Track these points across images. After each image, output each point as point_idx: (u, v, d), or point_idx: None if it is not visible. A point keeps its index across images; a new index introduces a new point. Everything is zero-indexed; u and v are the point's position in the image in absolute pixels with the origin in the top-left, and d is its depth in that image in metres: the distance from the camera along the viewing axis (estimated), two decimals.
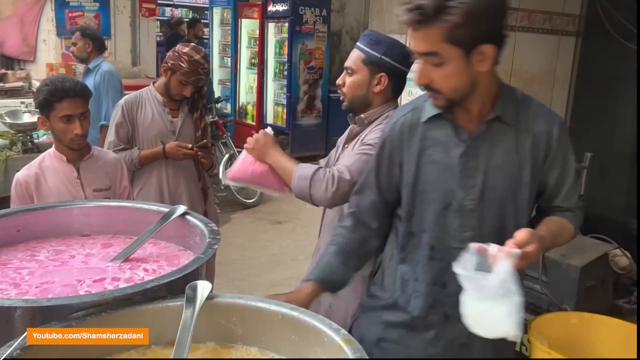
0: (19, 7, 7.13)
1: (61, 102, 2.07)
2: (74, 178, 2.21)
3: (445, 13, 1.26)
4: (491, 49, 1.32)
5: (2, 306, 1.13)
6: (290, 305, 1.25)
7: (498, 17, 1.31)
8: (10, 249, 1.62)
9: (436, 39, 1.29)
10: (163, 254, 1.67)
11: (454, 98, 1.40)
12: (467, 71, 1.34)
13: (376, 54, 1.91)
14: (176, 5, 13.23)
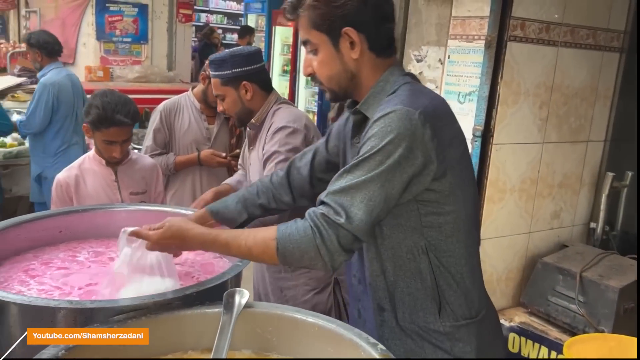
0: (61, 11, 7.31)
1: (108, 129, 2.11)
2: (112, 181, 2.25)
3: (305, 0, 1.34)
4: (355, 34, 1.33)
5: (48, 306, 1.15)
6: (327, 318, 1.25)
7: (354, 2, 1.31)
8: (52, 249, 1.66)
9: (305, 27, 1.37)
10: (198, 260, 1.69)
11: (333, 88, 1.41)
12: (338, 59, 1.36)
13: (227, 72, 2.15)
14: (211, 12, 13.41)
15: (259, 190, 1.69)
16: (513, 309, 2.66)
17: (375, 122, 1.26)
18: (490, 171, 2.43)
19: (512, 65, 2.36)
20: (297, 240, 1.23)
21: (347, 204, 1.22)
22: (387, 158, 1.23)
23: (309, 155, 1.67)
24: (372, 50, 1.36)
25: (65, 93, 4.10)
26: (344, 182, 1.25)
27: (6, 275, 1.49)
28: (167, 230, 1.37)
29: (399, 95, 1.31)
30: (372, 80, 1.38)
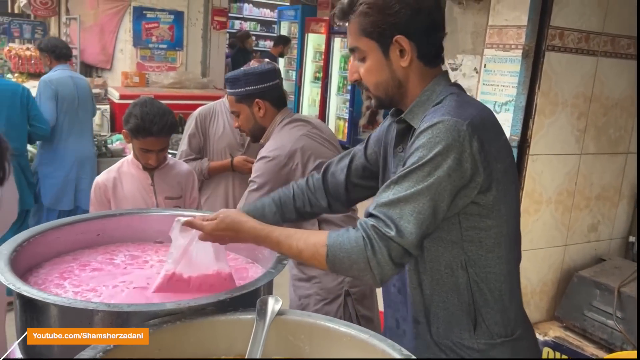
0: (100, 18, 7.50)
1: (145, 138, 2.17)
2: (148, 185, 2.29)
3: (355, 4, 1.34)
4: (406, 42, 1.31)
5: (86, 309, 1.17)
6: (359, 327, 1.25)
7: (407, 10, 1.30)
8: (91, 252, 1.69)
9: (354, 33, 1.36)
10: (232, 265, 1.70)
11: (379, 95, 1.39)
12: (387, 66, 1.35)
13: (240, 90, 2.24)
14: (245, 19, 13.56)
15: (295, 193, 1.68)
16: (547, 323, 2.60)
17: (422, 133, 1.25)
18: (527, 182, 2.40)
19: (550, 75, 2.33)
20: (348, 249, 1.22)
21: (396, 217, 1.21)
22: (436, 170, 1.21)
23: (346, 160, 1.65)
24: (421, 59, 1.35)
25: (65, 89, 4.23)
26: (392, 194, 1.23)
27: (44, 277, 1.52)
28: (222, 221, 1.37)
29: (446, 106, 1.29)
30: (418, 89, 1.36)
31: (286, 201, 1.66)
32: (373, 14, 1.31)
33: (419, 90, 1.36)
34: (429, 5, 1.32)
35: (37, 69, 6.91)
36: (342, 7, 1.37)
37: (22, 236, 1.48)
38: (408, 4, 1.29)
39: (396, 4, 1.29)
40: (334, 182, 1.66)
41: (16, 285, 1.22)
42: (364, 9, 1.32)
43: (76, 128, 4.32)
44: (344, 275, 1.48)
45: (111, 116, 6.13)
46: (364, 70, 1.38)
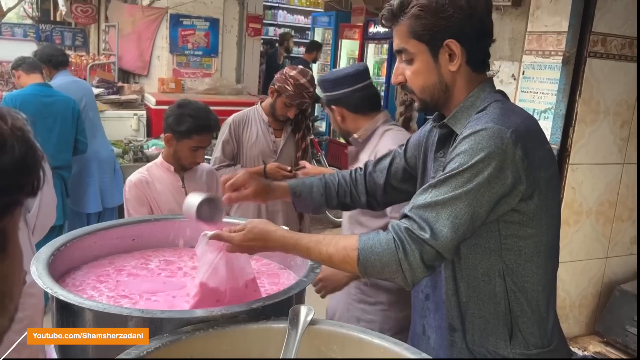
0: (138, 25, 7.65)
1: (200, 135, 2.23)
2: (180, 187, 2.32)
3: (407, 6, 1.32)
4: (456, 46, 1.29)
5: (120, 314, 1.18)
6: (393, 340, 1.23)
7: (460, 14, 1.28)
8: (127, 256, 1.72)
9: (403, 35, 1.34)
10: (264, 271, 1.70)
11: (424, 99, 1.37)
12: (435, 70, 1.33)
13: (328, 93, 2.20)
14: (279, 25, 13.66)
15: (339, 182, 1.68)
16: (587, 337, 2.52)
17: (465, 139, 1.23)
18: (566, 192, 2.34)
19: (592, 82, 2.27)
20: (379, 252, 1.21)
21: (432, 220, 1.19)
22: (476, 176, 1.19)
23: (386, 161, 1.65)
24: (469, 64, 1.33)
25: (69, 93, 4.24)
26: (429, 197, 1.22)
27: (81, 279, 1.55)
28: (249, 232, 1.37)
29: (490, 113, 1.27)
30: (463, 94, 1.35)
31: (331, 187, 1.67)
32: (426, 16, 1.29)
33: (464, 95, 1.35)
34: (482, 10, 1.31)
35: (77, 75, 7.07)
36: (392, 9, 1.35)
37: (60, 240, 1.51)
38: (461, 7, 1.28)
39: (449, 8, 1.27)
40: (372, 181, 1.66)
41: (53, 289, 1.23)
42: (416, 12, 1.30)
43: (88, 130, 4.38)
44: (375, 278, 1.46)
45: (147, 122, 6.23)
46: (411, 72, 1.35)
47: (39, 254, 1.39)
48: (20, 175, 0.56)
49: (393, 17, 1.35)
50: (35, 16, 14.98)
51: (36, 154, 0.58)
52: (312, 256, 1.33)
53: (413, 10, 1.30)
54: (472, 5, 1.29)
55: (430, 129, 1.51)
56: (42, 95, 3.88)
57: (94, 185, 4.38)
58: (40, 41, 9.73)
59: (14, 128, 0.56)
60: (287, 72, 2.82)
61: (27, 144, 0.57)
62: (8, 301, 0.60)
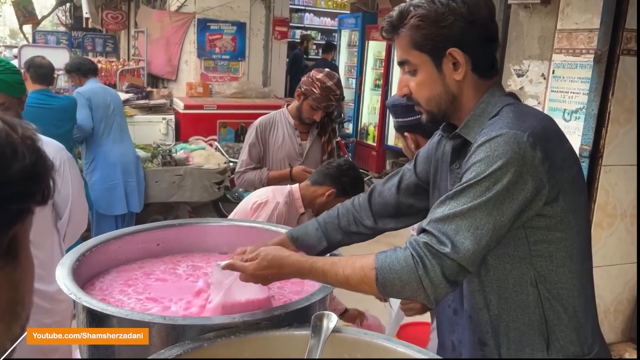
0: (166, 30, 7.75)
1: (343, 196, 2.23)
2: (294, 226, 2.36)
3: (406, 18, 1.29)
4: (460, 54, 1.26)
5: (143, 321, 1.18)
6: (417, 348, 1.20)
7: (461, 22, 1.25)
8: (156, 261, 1.73)
9: (404, 46, 1.31)
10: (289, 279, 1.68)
11: (431, 110, 1.34)
12: (440, 80, 1.30)
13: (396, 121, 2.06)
14: (306, 28, 13.70)
15: (339, 212, 1.64)
16: (622, 344, 2.45)
17: (480, 147, 1.19)
18: (599, 194, 2.27)
19: (625, 81, 2.19)
20: (398, 270, 1.17)
21: (451, 233, 1.15)
22: (495, 184, 1.15)
23: (395, 179, 1.60)
24: (475, 72, 1.30)
25: (97, 97, 4.43)
26: (447, 209, 1.18)
27: (109, 284, 1.56)
28: (263, 260, 1.33)
29: (504, 118, 1.23)
30: (472, 102, 1.31)
31: (329, 220, 1.61)
32: (426, 26, 1.26)
33: (474, 103, 1.31)
34: (484, 16, 1.28)
35: (107, 81, 7.21)
36: (392, 20, 1.33)
37: (85, 246, 1.53)
38: (462, 15, 1.25)
39: (450, 16, 1.25)
40: (381, 202, 1.60)
41: (77, 295, 1.24)
42: (416, 22, 1.27)
43: (116, 134, 4.51)
44: (396, 298, 1.40)
45: (176, 126, 6.31)
46: (415, 84, 1.33)
47: (64, 260, 1.41)
48: (30, 184, 0.56)
49: (393, 29, 1.33)
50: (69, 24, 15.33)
51: (46, 163, 0.59)
52: (329, 279, 1.29)
53: (412, 21, 1.28)
54: (473, 11, 1.25)
55: (438, 140, 1.47)
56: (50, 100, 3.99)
57: (119, 188, 4.47)
58: (73, 48, 9.95)
59: (24, 137, 0.57)
60: (314, 75, 2.81)
61: (37, 153, 0.57)
62: (20, 309, 0.60)
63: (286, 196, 2.32)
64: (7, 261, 0.57)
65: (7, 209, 0.55)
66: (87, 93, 4.40)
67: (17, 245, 0.58)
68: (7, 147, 0.54)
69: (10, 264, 0.58)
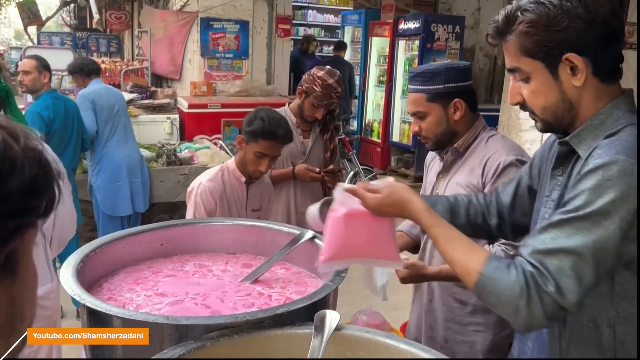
0: (169, 30, 7.77)
1: (266, 141, 2.25)
2: (244, 198, 2.37)
3: (514, 23, 1.20)
4: (578, 59, 1.15)
5: (146, 321, 1.19)
6: (421, 346, 1.20)
7: (578, 24, 1.13)
8: (164, 261, 1.75)
9: (514, 53, 1.22)
10: (293, 280, 1.68)
11: (547, 119, 1.24)
12: (556, 87, 1.20)
13: (439, 86, 1.89)
14: (309, 25, 13.68)
15: (471, 201, 1.56)
16: None
17: (591, 173, 1.09)
18: None
19: (627, 75, 2.13)
20: (501, 288, 1.13)
21: (554, 270, 1.09)
22: (605, 219, 1.07)
23: (514, 183, 1.51)
24: (597, 76, 1.18)
25: (101, 99, 4.42)
26: (550, 239, 1.11)
27: (117, 283, 1.58)
28: (387, 197, 1.30)
29: (623, 141, 1.12)
30: (592, 109, 1.20)
31: (460, 203, 1.55)
32: (536, 32, 1.16)
33: (593, 111, 1.20)
34: (605, 14, 1.15)
35: (111, 81, 7.23)
36: (497, 25, 1.23)
37: (89, 247, 1.53)
38: (579, 16, 1.13)
39: (564, 19, 1.13)
40: (501, 203, 1.53)
41: (81, 296, 1.25)
42: (525, 28, 1.17)
43: (120, 135, 4.52)
44: (485, 305, 1.30)
45: (181, 125, 6.32)
46: (529, 92, 1.23)
47: (68, 261, 1.42)
48: (29, 199, 0.55)
49: (499, 35, 1.24)
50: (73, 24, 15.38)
51: (48, 174, 0.57)
52: (438, 248, 1.28)
53: (521, 27, 1.18)
54: (592, 10, 1.14)
55: (553, 141, 1.38)
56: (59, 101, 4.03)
57: (125, 189, 4.48)
58: (77, 49, 9.99)
59: (26, 149, 0.55)
60: (315, 73, 2.81)
61: (38, 165, 0.56)
62: (19, 323, 0.60)
63: (217, 172, 2.37)
64: (5, 276, 0.56)
65: (4, 224, 0.54)
66: (90, 95, 4.41)
67: (15, 259, 0.57)
68: (6, 162, 0.53)
69: (9, 278, 0.57)
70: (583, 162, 1.17)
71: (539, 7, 1.16)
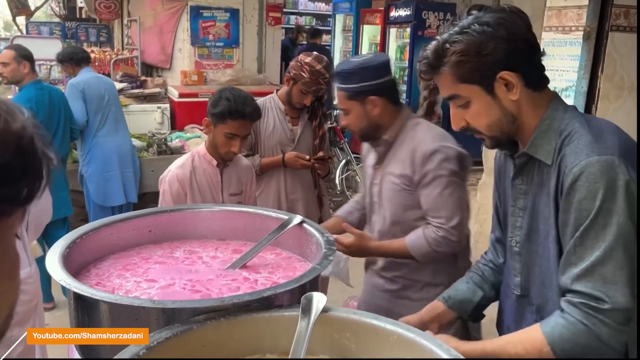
0: (159, 18, 7.71)
1: (235, 120, 2.20)
2: (218, 182, 2.35)
3: (445, 56, 1.27)
4: (510, 75, 1.25)
5: (132, 305, 1.19)
6: (406, 326, 1.21)
7: (503, 45, 1.23)
8: (154, 247, 1.75)
9: (449, 82, 1.30)
10: (283, 265, 1.68)
11: (494, 135, 1.33)
12: (495, 105, 1.29)
13: (354, 85, 1.97)
14: (300, 13, 13.61)
15: (481, 267, 1.63)
16: None
17: (575, 184, 1.19)
18: None
19: (615, 57, 2.18)
20: (572, 338, 1.19)
21: (600, 286, 1.16)
22: (611, 216, 1.16)
23: (495, 221, 1.59)
24: (529, 86, 1.29)
25: (92, 89, 4.40)
26: (581, 260, 1.19)
27: (106, 269, 1.58)
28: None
29: (583, 142, 1.22)
30: (535, 118, 1.31)
31: (474, 274, 1.63)
32: (469, 59, 1.25)
33: (536, 119, 1.30)
34: (523, 32, 1.26)
35: (101, 71, 7.17)
36: (429, 61, 1.31)
37: (76, 234, 1.53)
38: (502, 37, 1.23)
39: (490, 42, 1.23)
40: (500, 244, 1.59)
41: (67, 281, 1.25)
42: (457, 58, 1.26)
43: (111, 124, 4.50)
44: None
45: (171, 114, 6.29)
46: (471, 116, 1.32)
47: (55, 247, 1.41)
48: (1, 186, 0.51)
49: (432, 69, 1.31)
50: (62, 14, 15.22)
51: (29, 159, 0.54)
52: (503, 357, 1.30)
53: (453, 58, 1.26)
54: (512, 30, 1.24)
55: (500, 156, 1.48)
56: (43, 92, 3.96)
57: (116, 179, 4.46)
58: (67, 39, 9.89)
59: (5, 133, 0.52)
60: (302, 59, 2.80)
61: (16, 149, 0.52)
62: None
63: (188, 158, 2.36)
64: None
65: None
66: (80, 84, 4.38)
67: None
68: None
69: None
70: (556, 173, 1.25)
71: (465, 36, 1.24)
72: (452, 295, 1.58)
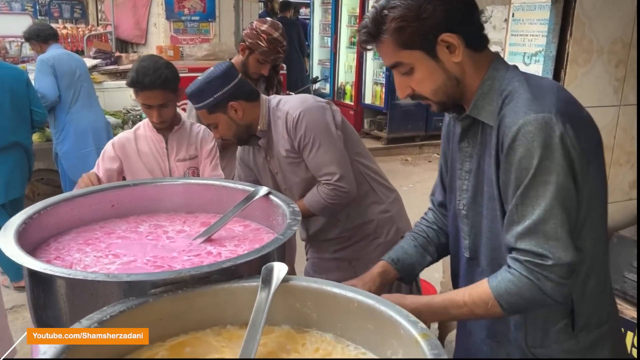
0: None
1: (141, 92, 2.20)
2: (162, 148, 2.31)
3: (384, 23, 1.25)
4: (453, 37, 1.23)
5: (86, 279, 1.17)
6: (366, 293, 1.20)
7: (441, 5, 1.21)
8: (119, 221, 1.72)
9: (391, 50, 1.27)
10: (250, 237, 1.66)
11: (440, 100, 1.32)
12: (439, 69, 1.27)
13: (209, 100, 2.05)
14: None
15: (424, 228, 1.62)
16: None
17: (514, 143, 1.18)
18: None
19: (583, 20, 2.16)
20: (517, 292, 1.21)
21: (543, 243, 1.18)
22: (549, 174, 1.16)
23: (438, 184, 1.59)
24: (470, 47, 1.27)
25: (62, 65, 4.31)
26: (522, 218, 1.20)
27: (66, 244, 1.55)
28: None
29: (522, 100, 1.21)
30: (477, 79, 1.29)
31: (419, 236, 1.61)
32: (409, 24, 1.22)
33: (478, 80, 1.29)
34: None
35: (74, 47, 7.02)
36: (368, 30, 1.28)
37: (32, 209, 1.49)
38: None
39: (428, 5, 1.21)
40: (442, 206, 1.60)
41: (19, 257, 1.22)
42: (397, 25, 1.23)
43: (84, 100, 4.42)
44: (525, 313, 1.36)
45: None
46: (416, 82, 1.30)
47: (9, 224, 1.38)
48: None
49: (372, 38, 1.28)
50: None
51: None
52: (452, 314, 1.32)
53: (393, 24, 1.23)
54: None
55: (449, 119, 1.47)
56: None
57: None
58: (39, 15, 9.65)
59: None
60: (258, 27, 2.72)
61: None
62: None
63: (135, 128, 2.39)
64: None
65: None
66: (50, 60, 4.28)
67: None
68: None
69: None
70: (496, 133, 1.24)
71: (402, 1, 1.22)
72: (401, 259, 1.56)
